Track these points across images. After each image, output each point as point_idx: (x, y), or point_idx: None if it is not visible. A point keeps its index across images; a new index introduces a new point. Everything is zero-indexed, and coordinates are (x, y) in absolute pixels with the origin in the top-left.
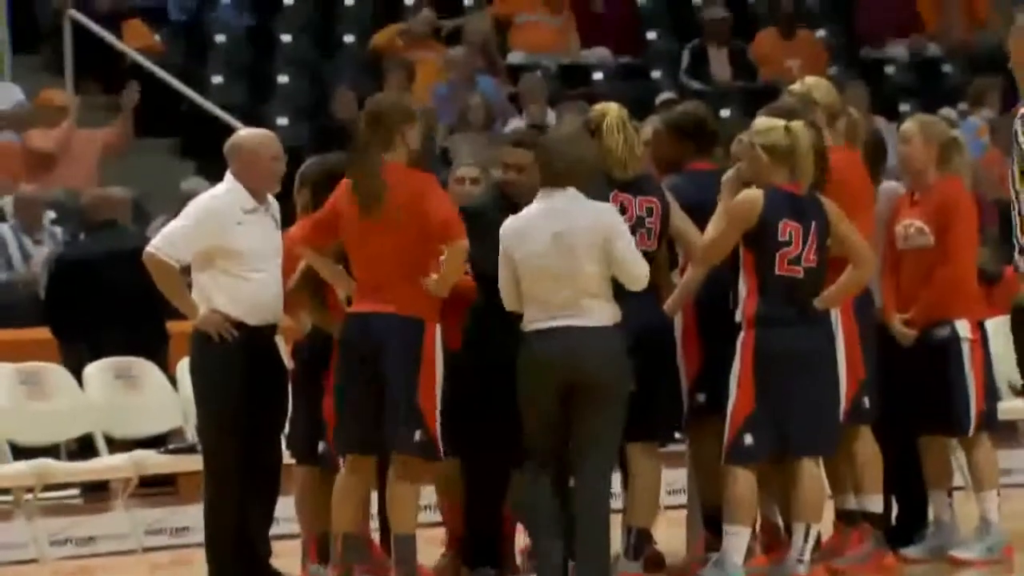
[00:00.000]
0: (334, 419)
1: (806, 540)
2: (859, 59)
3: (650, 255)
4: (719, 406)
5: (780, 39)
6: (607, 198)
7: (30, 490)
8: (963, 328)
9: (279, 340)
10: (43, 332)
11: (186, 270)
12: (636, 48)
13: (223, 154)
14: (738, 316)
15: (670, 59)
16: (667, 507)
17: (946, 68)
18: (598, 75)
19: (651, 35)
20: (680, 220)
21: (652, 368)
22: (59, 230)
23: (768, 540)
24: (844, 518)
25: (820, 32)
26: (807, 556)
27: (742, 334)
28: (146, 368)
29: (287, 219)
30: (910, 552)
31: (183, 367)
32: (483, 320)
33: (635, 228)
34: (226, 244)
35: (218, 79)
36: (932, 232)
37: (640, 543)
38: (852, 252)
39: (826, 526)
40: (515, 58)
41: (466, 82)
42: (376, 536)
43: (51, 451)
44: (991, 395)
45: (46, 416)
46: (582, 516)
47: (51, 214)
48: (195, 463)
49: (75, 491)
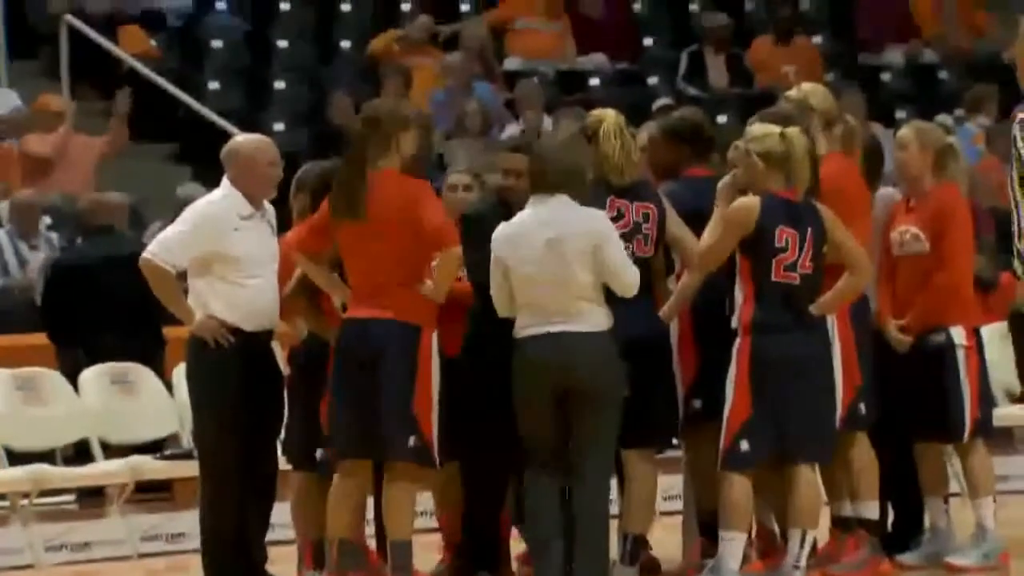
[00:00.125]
0: (329, 424)
1: (802, 546)
2: (856, 66)
3: (647, 261)
4: (715, 412)
5: (776, 46)
6: (604, 204)
7: (26, 496)
8: (959, 335)
9: (275, 346)
10: (39, 337)
11: (182, 276)
12: (633, 54)
13: (220, 160)
14: (734, 322)
15: (667, 65)
16: (663, 513)
17: (943, 75)
18: (595, 81)
19: (648, 41)
20: (677, 226)
21: (648, 374)
22: (55, 235)
23: (764, 546)
24: (840, 524)
25: (817, 38)
26: (803, 562)
27: (738, 340)
28: (142, 374)
29: (283, 225)
30: (906, 559)
31: (179, 373)
32: (480, 326)
33: (632, 234)
34: (222, 250)
35: (215, 85)
36: (928, 239)
37: (636, 549)
38: (848, 258)
39: (822, 532)
40: (512, 64)
41: (463, 88)
42: (372, 542)
43: (47, 457)
44: (987, 402)
45: (42, 421)
46: (582, 520)
47: (47, 219)
48: (191, 469)
49: (71, 497)
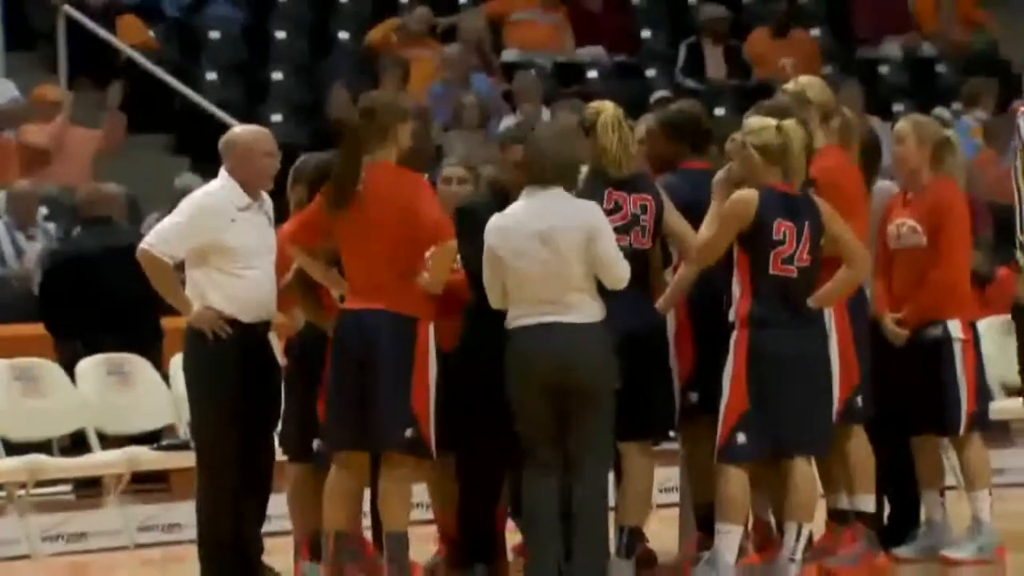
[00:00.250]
0: (325, 416)
1: (798, 539)
2: (854, 59)
3: (644, 253)
4: (712, 405)
5: (774, 38)
6: (601, 196)
7: (22, 486)
8: (955, 328)
9: (272, 337)
10: (36, 328)
11: (180, 267)
12: (631, 46)
13: (217, 151)
14: (731, 316)
15: (665, 58)
16: (659, 505)
17: (940, 68)
18: (593, 73)
19: (646, 33)
20: (674, 218)
21: (645, 367)
22: (52, 226)
23: (760, 539)
24: (836, 517)
25: (815, 31)
26: (799, 555)
27: (735, 333)
28: (139, 364)
29: (281, 216)
30: (902, 552)
31: (176, 363)
32: (476, 318)
33: (629, 226)
34: (220, 241)
35: (212, 76)
36: (925, 232)
37: (632, 542)
38: (845, 252)
39: (818, 525)
40: (510, 56)
41: (461, 80)
42: (369, 534)
43: (44, 447)
44: (983, 395)
45: (39, 412)
46: (581, 514)
47: (44, 210)
48: (188, 460)
49: (67, 487)
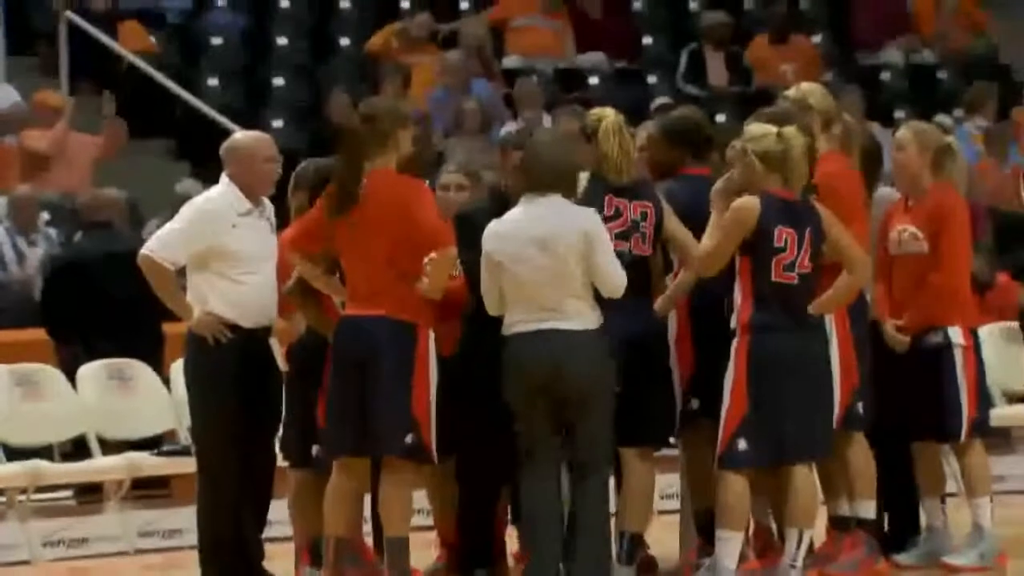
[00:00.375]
0: (325, 421)
1: (799, 546)
2: (855, 65)
3: (645, 260)
4: (713, 411)
5: (775, 45)
6: (601, 202)
7: (23, 491)
8: (956, 335)
9: (273, 343)
10: (37, 333)
11: (181, 272)
12: (632, 53)
13: (218, 156)
14: (733, 323)
15: (666, 64)
16: (660, 512)
17: (941, 75)
18: (594, 79)
19: (647, 40)
20: (674, 225)
21: (646, 373)
22: (53, 231)
23: (761, 545)
24: (837, 524)
25: (816, 38)
26: (800, 562)
27: (736, 340)
28: (140, 370)
29: (282, 221)
30: (903, 558)
31: (177, 369)
32: (475, 324)
33: (629, 232)
34: (221, 246)
35: (213, 81)
36: (926, 238)
37: (633, 548)
38: (846, 258)
39: (819, 532)
40: (511, 62)
41: (462, 86)
42: (369, 539)
43: (44, 452)
44: (984, 402)
45: (40, 417)
46: (582, 520)
47: (45, 215)
48: (188, 465)
49: (68, 492)
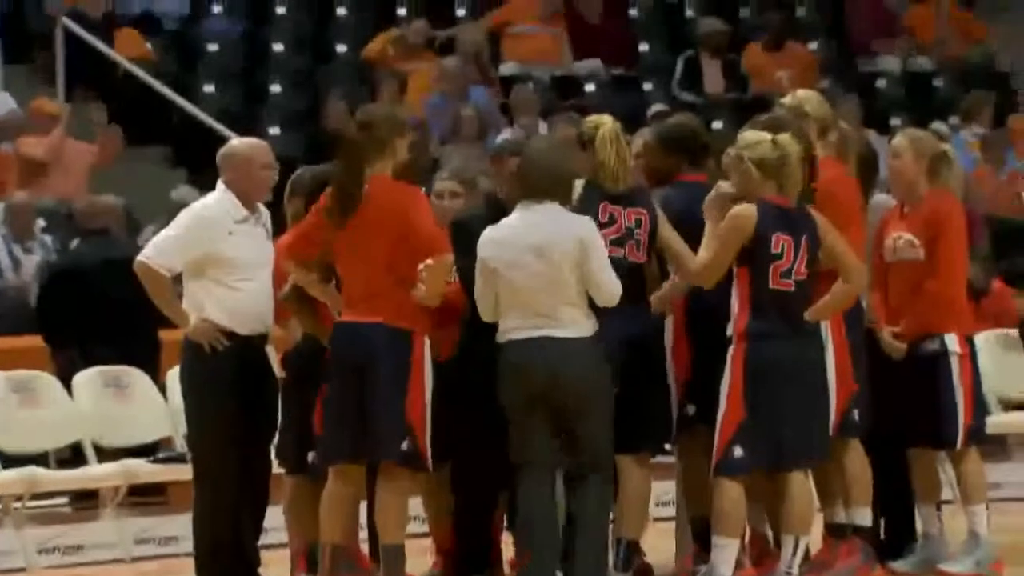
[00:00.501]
0: (321, 427)
1: (795, 553)
2: (851, 72)
3: (640, 267)
4: (709, 418)
5: (770, 52)
6: (596, 209)
7: (19, 498)
8: (952, 342)
9: (269, 350)
10: (34, 340)
11: (178, 279)
12: (629, 60)
13: (215, 163)
14: (729, 329)
15: (662, 71)
16: (656, 519)
17: (938, 82)
18: (591, 86)
19: (644, 47)
20: (669, 233)
21: (642, 379)
22: (50, 238)
23: (757, 552)
24: (833, 531)
25: (813, 45)
26: (796, 569)
27: (732, 346)
28: (136, 377)
29: (278, 228)
30: (899, 566)
31: (173, 376)
32: (471, 331)
33: (624, 239)
34: (217, 253)
35: (210, 88)
36: (922, 245)
37: (629, 555)
38: (841, 265)
39: (815, 539)
40: (508, 69)
41: (459, 93)
42: (365, 546)
43: (40, 459)
44: (980, 409)
45: (36, 424)
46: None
47: (42, 222)
48: (185, 472)
49: (64, 500)
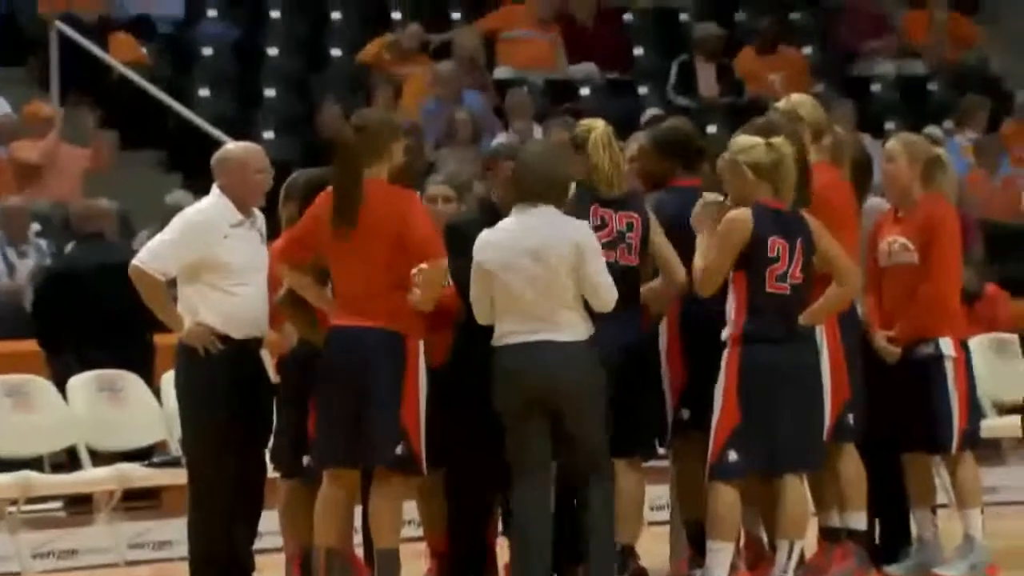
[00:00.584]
0: (315, 431)
1: (790, 557)
2: (845, 77)
3: (632, 270)
4: (703, 422)
5: (764, 56)
6: (587, 213)
7: (13, 502)
8: (947, 346)
9: (264, 354)
10: (28, 344)
11: (172, 283)
12: (623, 64)
13: (209, 168)
14: (724, 333)
15: (657, 75)
16: (650, 523)
17: (932, 86)
18: (585, 91)
19: (638, 51)
20: (659, 239)
21: (636, 383)
22: (44, 242)
23: (752, 556)
24: (828, 535)
25: (807, 49)
26: (791, 573)
27: (727, 350)
28: (130, 381)
29: (273, 232)
30: (893, 570)
31: (168, 380)
32: (467, 334)
33: (615, 243)
34: (212, 258)
35: (205, 92)
36: (916, 249)
37: (624, 559)
38: (836, 268)
39: (810, 543)
40: (502, 73)
41: (453, 97)
42: (360, 551)
43: (35, 463)
44: (974, 413)
45: (30, 428)
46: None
47: (36, 226)
48: (179, 476)
49: (58, 504)
